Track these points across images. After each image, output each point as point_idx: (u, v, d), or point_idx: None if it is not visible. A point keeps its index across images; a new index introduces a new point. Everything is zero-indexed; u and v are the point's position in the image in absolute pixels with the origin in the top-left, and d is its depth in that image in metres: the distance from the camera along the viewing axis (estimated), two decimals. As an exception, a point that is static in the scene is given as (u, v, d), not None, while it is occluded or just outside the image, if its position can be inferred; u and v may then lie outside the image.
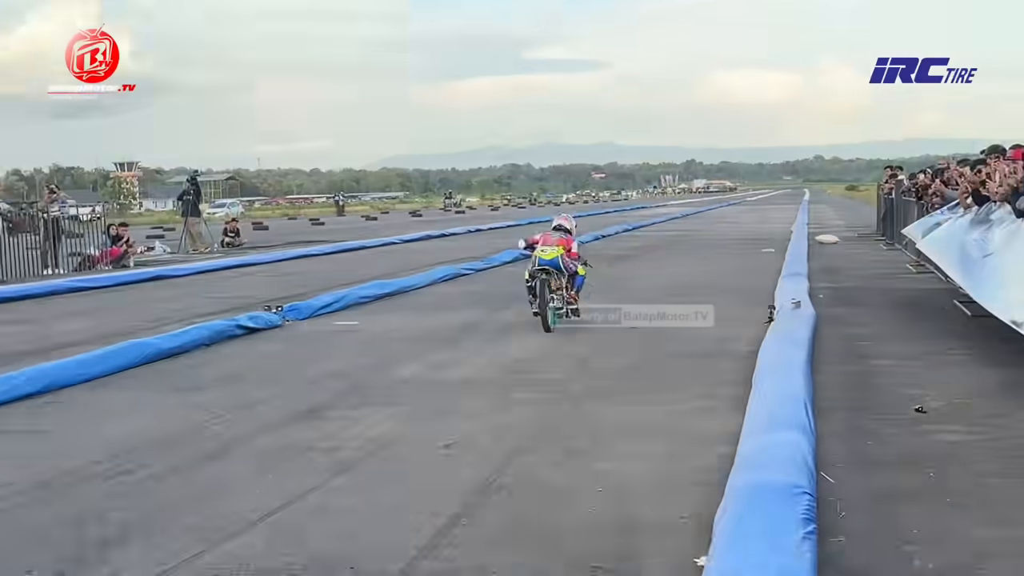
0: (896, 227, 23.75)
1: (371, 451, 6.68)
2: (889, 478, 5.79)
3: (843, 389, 8.31)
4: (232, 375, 9.56)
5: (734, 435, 6.40)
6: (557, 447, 6.68)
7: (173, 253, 28.12)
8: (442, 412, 7.81)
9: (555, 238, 12.09)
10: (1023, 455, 6.26)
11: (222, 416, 7.79)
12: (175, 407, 8.20)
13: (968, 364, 9.30)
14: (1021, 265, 9.34)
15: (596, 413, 7.68)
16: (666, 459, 6.32)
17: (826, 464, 5.95)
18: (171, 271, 21.22)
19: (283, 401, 8.33)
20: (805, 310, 11.74)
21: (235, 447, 6.89)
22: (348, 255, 26.92)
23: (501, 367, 9.72)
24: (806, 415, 6.60)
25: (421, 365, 9.91)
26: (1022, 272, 9.13)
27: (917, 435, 6.77)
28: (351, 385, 8.96)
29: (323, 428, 7.36)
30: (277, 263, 24.31)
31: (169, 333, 11.22)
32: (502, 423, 7.39)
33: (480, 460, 6.38)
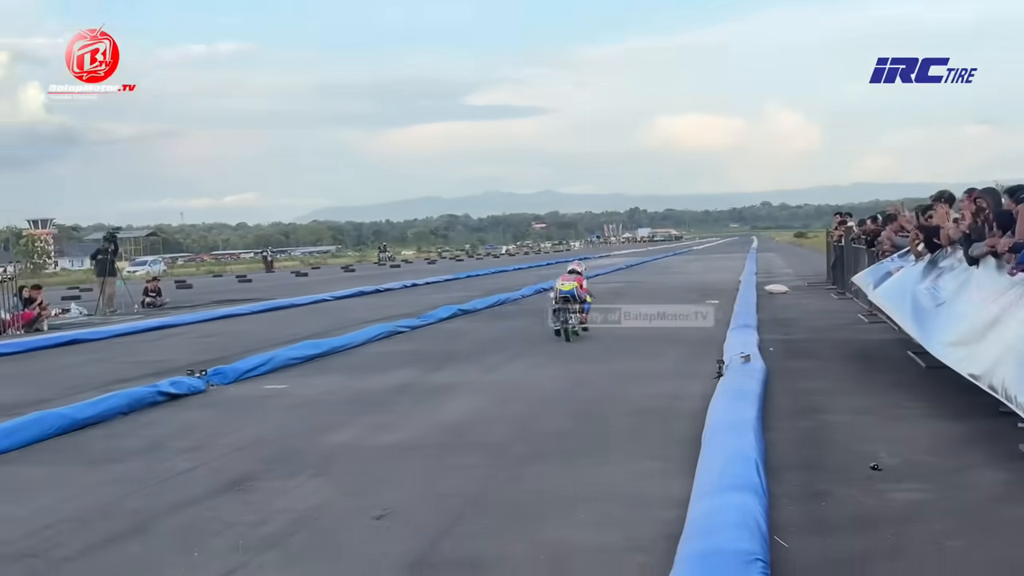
0: (847, 275, 24.03)
1: (300, 524, 6.57)
2: (845, 541, 5.79)
3: (795, 447, 8.33)
4: (152, 445, 9.39)
5: (683, 498, 6.39)
6: (497, 516, 6.61)
7: (90, 315, 27.72)
8: (375, 480, 7.72)
9: (572, 277, 17.52)
10: (982, 513, 6.29)
11: (141, 489, 7.64)
12: (90, 481, 8.03)
13: (924, 418, 9.37)
14: (974, 315, 9.45)
15: (538, 478, 7.62)
16: (612, 526, 6.27)
17: (779, 527, 5.94)
18: (87, 334, 20.91)
19: (207, 472, 8.19)
20: (755, 364, 11.81)
21: (155, 523, 6.74)
22: (277, 314, 26.76)
23: (437, 430, 9.64)
24: (757, 475, 6.60)
25: (353, 430, 9.81)
26: (975, 322, 9.23)
27: (873, 494, 6.78)
28: (279, 453, 8.84)
29: (250, 500, 7.25)
30: (201, 324, 24.07)
31: (84, 402, 11.01)
32: (439, 491, 7.31)
33: (415, 531, 6.30)
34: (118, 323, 24.11)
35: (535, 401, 11.10)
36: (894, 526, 6.04)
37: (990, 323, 8.76)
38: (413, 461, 8.33)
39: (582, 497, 6.99)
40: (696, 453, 7.63)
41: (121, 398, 11.24)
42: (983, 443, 8.15)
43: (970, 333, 9.23)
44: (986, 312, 9.05)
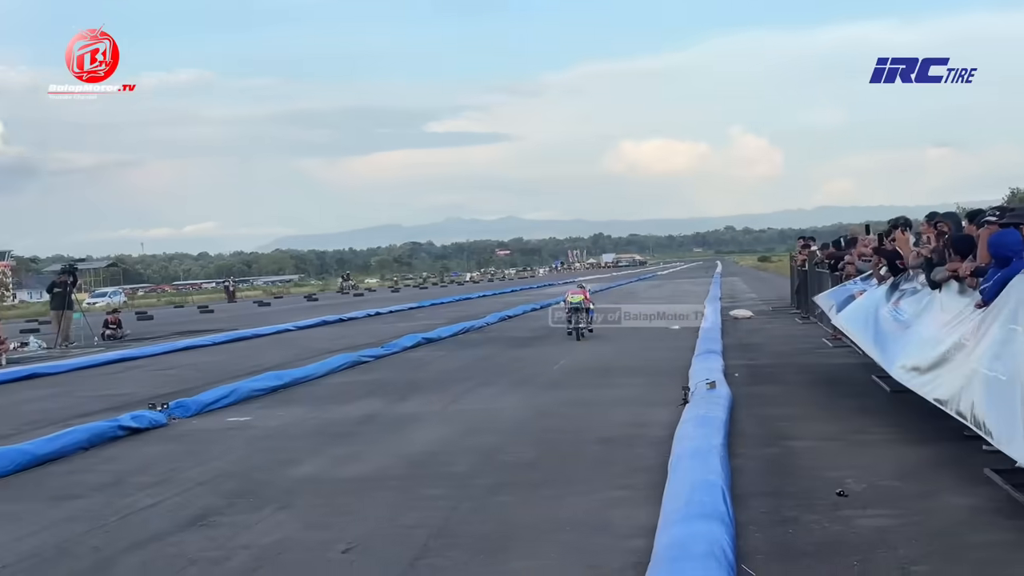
0: (811, 300, 24.19)
1: (265, 559, 6.54)
2: (812, 569, 5.83)
3: (762, 473, 8.37)
4: (113, 480, 9.30)
5: (650, 527, 6.41)
6: (463, 548, 6.60)
7: (49, 349, 27.49)
8: (341, 513, 7.69)
9: (579, 291, 22.96)
10: (948, 538, 6.34)
11: (102, 526, 7.58)
12: (49, 519, 7.95)
13: (889, 443, 9.43)
14: (938, 339, 9.52)
15: (503, 509, 7.62)
16: (578, 556, 6.28)
17: (746, 555, 5.97)
18: (46, 368, 20.70)
19: (169, 507, 8.14)
20: (721, 390, 11.86)
21: (116, 561, 6.68)
22: (239, 344, 26.60)
23: (403, 462, 9.61)
24: (724, 503, 6.63)
25: (318, 462, 9.77)
26: (940, 347, 9.29)
27: (839, 521, 6.82)
28: (243, 486, 8.79)
29: (213, 535, 7.19)
30: (163, 356, 23.87)
31: (43, 437, 10.91)
32: (405, 523, 7.29)
33: (381, 564, 6.29)
34: (78, 356, 23.92)
35: (500, 431, 11.09)
36: (860, 552, 6.07)
37: (955, 347, 8.80)
38: (378, 493, 8.30)
39: (548, 527, 6.99)
40: (662, 481, 7.65)
41: (81, 433, 11.13)
42: (949, 467, 8.21)
43: (935, 358, 9.28)
44: (951, 336, 9.11)
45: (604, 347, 20.49)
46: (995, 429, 7.12)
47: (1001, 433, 6.96)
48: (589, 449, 9.80)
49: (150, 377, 18.75)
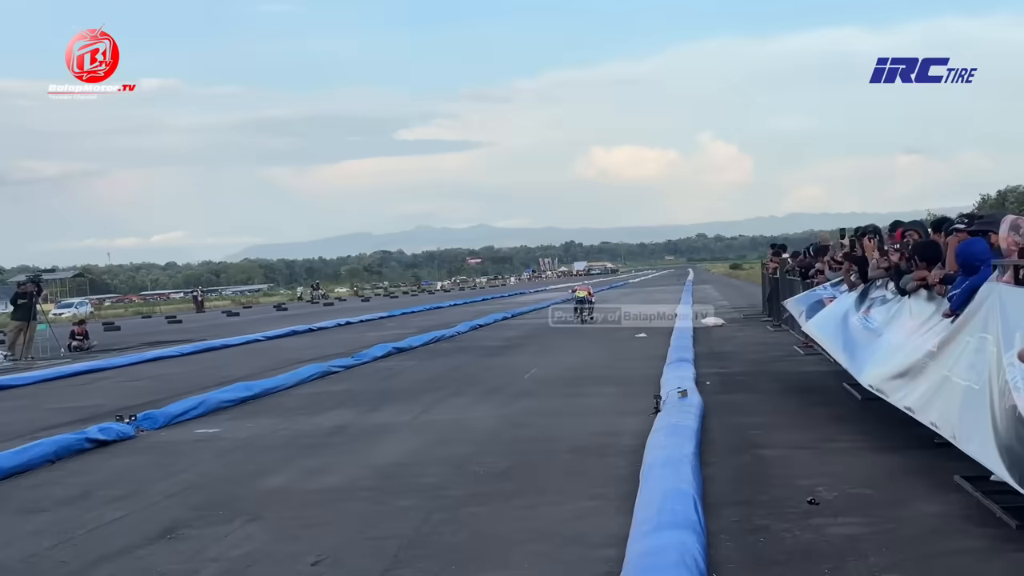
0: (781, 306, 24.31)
1: (234, 572, 6.53)
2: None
3: (733, 482, 8.41)
4: (80, 494, 9.25)
5: (621, 536, 6.43)
6: (434, 559, 6.60)
7: (15, 360, 27.30)
8: (311, 525, 7.67)
9: (584, 286, 29.68)
10: (919, 546, 6.39)
11: (69, 540, 7.54)
12: (15, 533, 7.90)
13: (861, 451, 9.49)
14: (908, 347, 9.58)
15: (475, 519, 7.63)
16: (550, 566, 6.30)
17: (717, 564, 6.00)
18: (11, 380, 20.52)
19: (137, 520, 8.10)
20: (692, 399, 11.89)
21: (84, 575, 6.66)
22: (208, 355, 26.50)
23: (373, 473, 9.60)
24: (695, 512, 6.66)
25: (288, 474, 9.75)
26: (910, 355, 9.35)
27: (811, 529, 6.86)
28: (212, 499, 8.76)
29: (181, 549, 7.17)
30: (130, 367, 23.72)
31: (8, 450, 10.83)
32: (375, 534, 7.29)
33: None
34: (43, 368, 23.76)
35: (472, 441, 11.09)
36: (831, 560, 6.12)
37: (926, 355, 8.85)
38: (349, 504, 8.30)
39: (520, 538, 7.01)
40: (634, 490, 7.68)
41: (48, 445, 11.06)
42: (919, 475, 8.27)
43: (905, 366, 9.34)
44: (921, 345, 9.17)
45: (574, 356, 20.53)
46: (966, 437, 7.18)
47: (972, 441, 7.01)
48: (561, 459, 9.82)
49: (117, 389, 18.65)
